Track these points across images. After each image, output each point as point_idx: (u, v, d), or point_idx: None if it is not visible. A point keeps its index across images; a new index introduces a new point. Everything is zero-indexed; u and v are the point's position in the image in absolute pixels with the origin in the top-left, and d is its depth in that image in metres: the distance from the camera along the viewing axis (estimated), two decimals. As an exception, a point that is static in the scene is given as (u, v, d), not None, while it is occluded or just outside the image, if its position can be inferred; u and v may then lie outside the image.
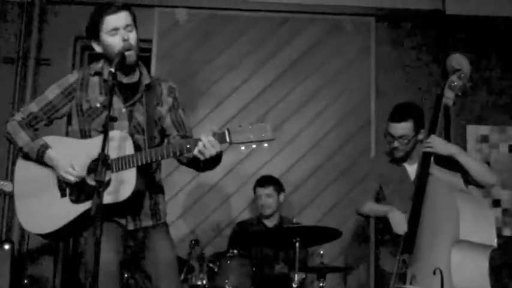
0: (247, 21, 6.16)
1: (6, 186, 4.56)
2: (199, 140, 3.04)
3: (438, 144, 3.86)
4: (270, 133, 3.03)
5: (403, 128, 4.07)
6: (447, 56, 3.99)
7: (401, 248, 3.79)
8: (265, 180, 5.42)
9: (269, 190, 5.35)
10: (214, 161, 3.18)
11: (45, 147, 3.26)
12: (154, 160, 3.12)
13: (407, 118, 4.07)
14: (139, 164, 3.10)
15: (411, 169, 4.18)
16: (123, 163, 3.11)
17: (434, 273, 3.49)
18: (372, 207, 4.21)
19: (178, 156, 3.22)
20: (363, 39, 6.15)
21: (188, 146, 3.08)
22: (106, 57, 3.32)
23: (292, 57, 6.12)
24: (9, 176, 5.48)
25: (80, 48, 6.16)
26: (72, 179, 3.18)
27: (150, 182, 3.35)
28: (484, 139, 5.98)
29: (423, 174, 3.83)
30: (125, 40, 3.21)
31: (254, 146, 3.04)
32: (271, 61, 6.11)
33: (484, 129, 6.01)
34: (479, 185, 3.95)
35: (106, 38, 3.25)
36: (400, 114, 4.11)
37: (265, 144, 3.05)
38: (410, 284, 3.65)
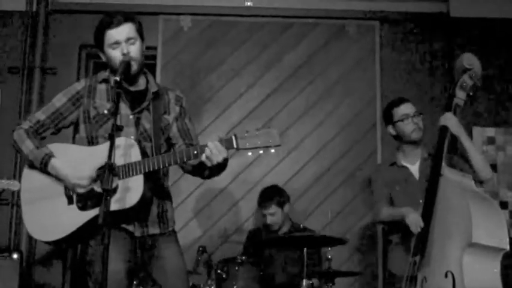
0: (251, 27, 6.17)
1: (13, 185, 4.58)
2: (206, 146, 3.05)
3: (452, 122, 3.88)
4: (277, 138, 3.03)
5: (412, 105, 4.25)
6: (452, 58, 4.01)
7: (413, 250, 3.78)
8: (267, 199, 5.30)
9: (272, 209, 5.25)
10: (219, 168, 3.19)
11: (49, 156, 3.24)
12: (161, 166, 3.12)
13: (407, 100, 4.31)
14: (147, 170, 3.10)
15: (414, 168, 4.21)
16: (130, 170, 3.11)
17: (446, 276, 3.47)
18: (389, 213, 4.18)
19: (185, 162, 3.22)
20: (367, 43, 6.15)
21: (195, 152, 3.08)
22: (111, 67, 3.34)
23: (296, 62, 6.12)
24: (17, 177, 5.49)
25: (85, 56, 6.18)
26: (81, 188, 3.18)
27: (157, 189, 3.34)
28: (491, 141, 5.96)
29: (438, 154, 3.82)
30: (124, 54, 3.23)
31: (261, 151, 3.04)
32: (276, 66, 6.12)
33: (490, 131, 5.99)
34: (476, 180, 3.97)
35: (108, 50, 3.29)
36: (400, 98, 4.36)
37: (272, 150, 3.04)
38: (421, 287, 3.63)
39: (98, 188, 3.15)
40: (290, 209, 5.44)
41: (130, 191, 3.11)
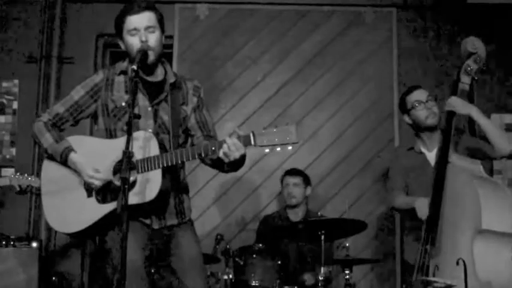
0: (267, 15, 6.15)
1: (34, 181, 4.64)
2: (224, 142, 3.05)
3: (458, 104, 3.82)
4: (295, 136, 3.01)
5: (425, 91, 4.25)
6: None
7: (424, 238, 3.76)
8: (295, 170, 5.48)
9: (297, 180, 5.38)
10: (237, 163, 3.18)
11: (69, 150, 3.27)
12: (179, 161, 3.11)
13: (420, 86, 4.33)
14: (165, 165, 3.11)
15: (431, 156, 4.16)
16: (148, 164, 3.12)
17: (457, 263, 3.46)
18: (403, 200, 4.19)
19: (203, 158, 3.24)
20: (384, 30, 6.11)
21: (213, 148, 3.08)
22: (129, 55, 3.34)
23: (313, 50, 6.10)
24: (35, 173, 5.52)
25: (102, 45, 6.19)
26: (96, 183, 3.19)
27: (174, 181, 3.35)
28: (509, 128, 5.92)
29: (445, 142, 3.76)
30: (142, 42, 3.22)
31: (279, 148, 3.04)
32: (292, 55, 6.10)
33: (508, 118, 5.95)
34: (493, 156, 3.95)
35: (127, 37, 3.28)
36: (413, 85, 4.38)
37: (290, 147, 3.04)
38: (433, 275, 3.62)
39: (117, 181, 3.16)
40: (310, 194, 5.48)
41: (148, 185, 3.12)
